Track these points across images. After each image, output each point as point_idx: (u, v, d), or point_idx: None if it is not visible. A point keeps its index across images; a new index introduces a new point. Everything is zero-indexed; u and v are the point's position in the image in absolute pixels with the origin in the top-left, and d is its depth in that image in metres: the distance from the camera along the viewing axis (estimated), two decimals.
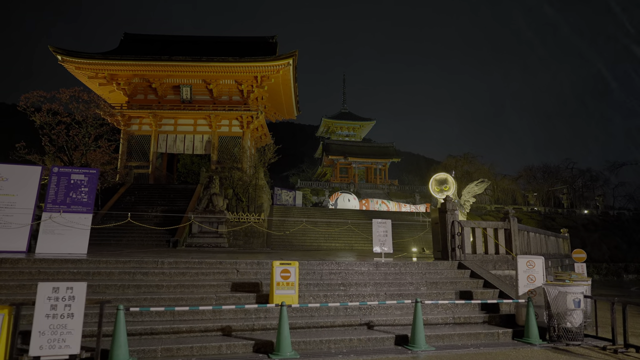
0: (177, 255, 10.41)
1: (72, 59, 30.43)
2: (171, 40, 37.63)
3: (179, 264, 8.29)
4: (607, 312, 7.35)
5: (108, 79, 32.58)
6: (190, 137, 33.29)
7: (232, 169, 27.84)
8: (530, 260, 7.51)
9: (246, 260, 8.71)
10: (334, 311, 7.09)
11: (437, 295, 8.24)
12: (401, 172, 72.34)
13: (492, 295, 8.58)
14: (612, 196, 56.90)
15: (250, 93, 33.55)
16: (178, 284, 7.38)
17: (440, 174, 20.00)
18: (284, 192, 37.07)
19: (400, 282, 8.64)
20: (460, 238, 10.38)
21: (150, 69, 31.55)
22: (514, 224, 10.91)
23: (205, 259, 8.68)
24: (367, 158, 63.08)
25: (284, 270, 7.16)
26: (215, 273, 8.05)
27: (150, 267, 8.09)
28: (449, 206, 10.50)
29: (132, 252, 12.38)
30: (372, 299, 7.83)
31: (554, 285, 6.86)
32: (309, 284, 8.02)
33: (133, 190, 28.32)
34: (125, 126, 32.83)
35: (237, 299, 7.14)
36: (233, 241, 23.44)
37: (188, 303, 6.83)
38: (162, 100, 33.69)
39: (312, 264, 8.90)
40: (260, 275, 8.14)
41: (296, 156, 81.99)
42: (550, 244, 16.86)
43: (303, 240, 26.45)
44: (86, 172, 9.03)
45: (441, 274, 9.41)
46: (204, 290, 7.37)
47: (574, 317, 6.60)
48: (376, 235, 11.18)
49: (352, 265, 9.13)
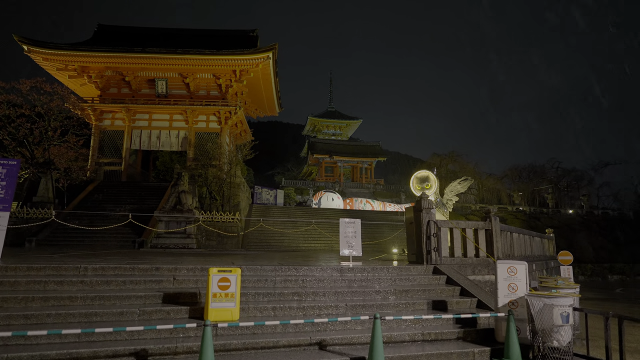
0: (114, 259, 9.19)
1: (39, 49, 28.82)
2: (147, 33, 36.09)
3: (107, 271, 7.09)
4: (598, 321, 6.39)
5: (79, 71, 30.99)
6: (165, 133, 31.87)
7: (208, 166, 26.53)
8: (512, 266, 6.49)
9: (189, 265, 7.55)
10: (281, 327, 5.97)
11: (406, 305, 7.18)
12: (387, 172, 71.60)
13: (469, 305, 7.56)
14: (597, 196, 56.91)
15: (229, 88, 32.26)
16: (98, 294, 6.19)
17: (422, 171, 19.03)
18: (264, 191, 35.82)
19: (366, 291, 7.57)
20: (437, 239, 9.35)
21: (123, 61, 30.08)
22: (496, 224, 9.93)
23: (139, 264, 7.48)
24: (353, 157, 62.13)
25: (223, 279, 6.02)
26: (148, 281, 6.88)
27: (69, 274, 6.88)
28: (424, 204, 9.46)
29: (79, 255, 11.09)
30: (330, 310, 6.74)
31: (539, 296, 5.84)
32: (259, 293, 6.90)
33: (102, 187, 26.86)
34: (97, 121, 31.29)
35: (166, 313, 5.98)
36: (206, 242, 22.20)
37: (102, 319, 5.65)
38: (137, 95, 32.21)
39: (266, 270, 7.78)
40: (201, 284, 6.99)
41: (282, 155, 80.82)
42: (535, 245, 15.99)
43: (281, 241, 25.31)
44: (4, 163, 7.75)
45: (413, 280, 8.36)
46: (128, 303, 6.19)
47: (562, 334, 5.59)
48: (344, 237, 10.07)
49: (313, 271, 8.03)
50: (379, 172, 67.40)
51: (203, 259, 10.41)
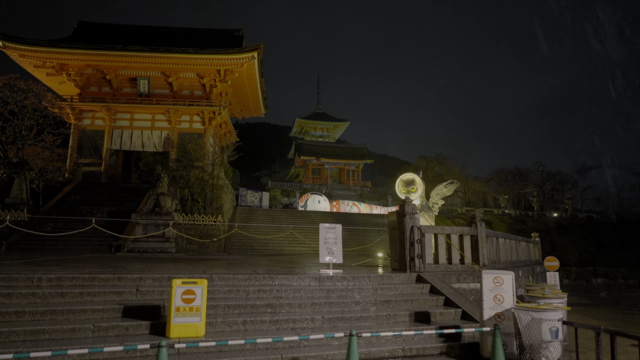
0: (78, 267, 8.60)
1: (14, 45, 27.82)
2: (130, 30, 35.26)
3: (63, 281, 6.52)
4: (587, 331, 6.06)
5: (57, 68, 30.02)
6: (147, 133, 31.04)
7: (191, 168, 25.84)
8: (498, 276, 6.12)
9: (155, 275, 7.02)
10: (250, 345, 5.49)
11: (387, 317, 6.76)
12: (375, 174, 71.43)
13: (453, 316, 7.18)
14: (581, 199, 57.59)
15: (213, 88, 31.61)
16: (49, 308, 5.63)
17: (407, 174, 18.71)
18: (249, 193, 35.20)
19: (345, 302, 7.13)
20: (421, 246, 8.97)
21: (104, 59, 29.22)
22: (481, 229, 9.59)
23: (100, 273, 6.93)
24: (340, 159, 61.84)
25: (187, 292, 5.53)
26: (108, 293, 6.33)
27: (21, 285, 6.30)
28: (408, 209, 9.06)
29: (45, 260, 10.45)
30: (305, 324, 6.28)
31: (526, 309, 5.47)
32: (229, 305, 6.41)
33: (80, 189, 25.96)
34: (77, 120, 30.32)
35: (124, 329, 5.46)
36: (187, 245, 21.52)
37: (51, 337, 5.10)
38: (118, 94, 31.34)
39: (238, 279, 7.29)
40: (166, 295, 6.46)
41: (269, 157, 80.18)
42: (520, 250, 15.77)
43: (265, 244, 24.74)
44: None
45: (396, 290, 7.95)
46: (83, 317, 5.65)
47: (551, 350, 5.23)
48: (324, 243, 9.62)
49: (290, 280, 7.57)
50: (366, 175, 67.24)
51: (176, 266, 9.86)
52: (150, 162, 37.83)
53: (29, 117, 22.57)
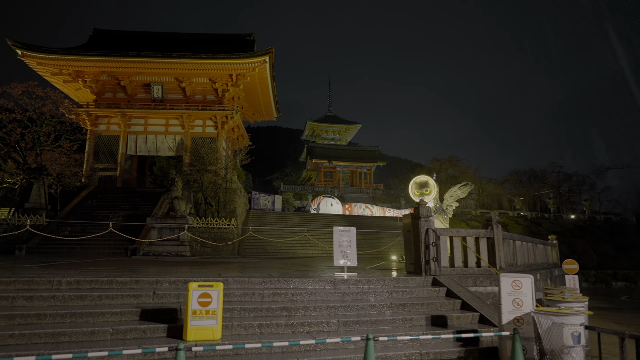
0: (96, 270, 8.72)
1: (33, 53, 28.46)
2: (143, 37, 35.78)
3: (82, 285, 6.62)
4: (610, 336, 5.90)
5: (74, 76, 30.61)
6: (161, 138, 31.44)
7: (204, 172, 26.07)
8: (517, 280, 6.01)
9: (171, 278, 7.08)
10: (266, 348, 5.49)
11: (403, 321, 6.70)
12: (387, 177, 71.11)
13: (470, 320, 7.08)
14: (599, 201, 56.32)
15: (226, 92, 31.88)
16: (69, 312, 5.71)
17: (421, 176, 18.62)
18: (262, 197, 35.34)
19: (361, 305, 7.09)
20: (436, 249, 8.88)
21: (119, 65, 29.71)
22: (498, 232, 9.45)
23: (117, 277, 7.01)
24: (353, 162, 61.69)
25: (204, 295, 5.56)
26: (126, 296, 6.40)
27: (41, 288, 6.42)
28: (422, 212, 8.99)
29: (64, 264, 10.63)
30: (321, 327, 6.26)
31: (547, 314, 5.37)
32: (245, 309, 6.42)
33: (96, 193, 26.39)
34: (93, 126, 30.86)
35: (142, 332, 5.51)
36: (201, 249, 21.69)
37: (71, 339, 5.18)
38: (132, 99, 31.81)
39: (254, 282, 7.31)
40: (183, 299, 6.51)
41: (281, 160, 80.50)
42: (538, 253, 15.49)
43: (278, 248, 24.79)
44: None
45: (412, 293, 7.88)
46: (102, 321, 5.72)
47: (573, 355, 5.11)
48: (338, 246, 9.58)
49: (305, 284, 7.56)
50: (378, 177, 66.93)
51: (191, 270, 9.93)
52: (165, 167, 38.31)
53: (47, 123, 23.06)
